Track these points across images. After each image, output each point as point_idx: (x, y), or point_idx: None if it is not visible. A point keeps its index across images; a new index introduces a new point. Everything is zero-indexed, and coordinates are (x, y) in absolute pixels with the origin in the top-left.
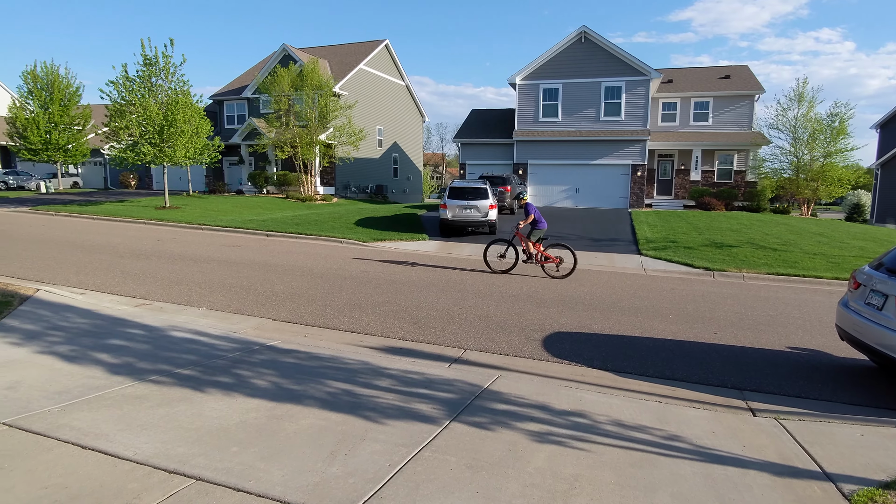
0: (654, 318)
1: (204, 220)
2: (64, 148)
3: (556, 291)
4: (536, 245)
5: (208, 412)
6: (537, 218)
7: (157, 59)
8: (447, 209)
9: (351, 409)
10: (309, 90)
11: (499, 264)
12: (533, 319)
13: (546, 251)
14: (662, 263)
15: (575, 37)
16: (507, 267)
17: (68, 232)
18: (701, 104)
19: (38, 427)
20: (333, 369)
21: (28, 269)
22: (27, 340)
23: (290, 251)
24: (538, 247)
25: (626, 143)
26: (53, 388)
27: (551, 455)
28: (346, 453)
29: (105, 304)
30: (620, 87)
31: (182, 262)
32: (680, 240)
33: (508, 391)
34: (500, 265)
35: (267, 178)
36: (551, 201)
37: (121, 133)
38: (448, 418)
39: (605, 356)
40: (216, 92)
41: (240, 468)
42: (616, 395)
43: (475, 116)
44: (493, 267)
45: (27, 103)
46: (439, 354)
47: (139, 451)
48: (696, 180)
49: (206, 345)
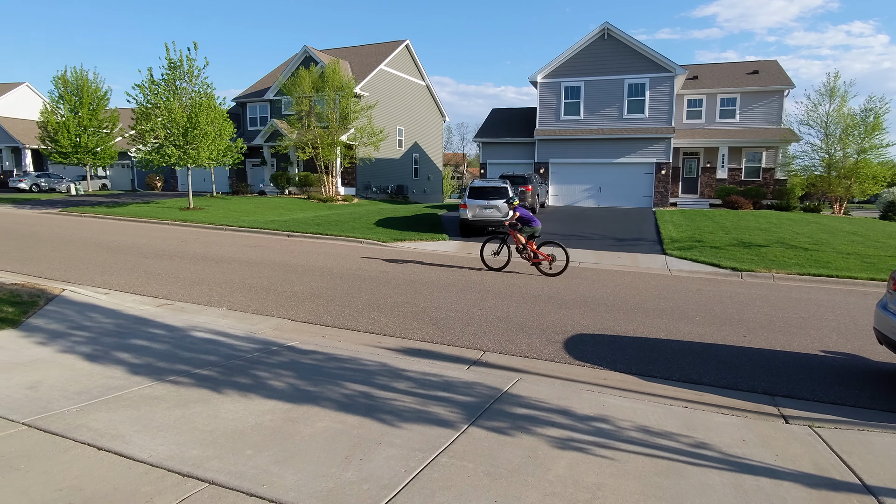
0: (679, 320)
1: (226, 220)
2: (93, 151)
3: (578, 292)
4: (529, 243)
5: (224, 414)
6: (526, 217)
7: (182, 63)
8: (467, 209)
9: (368, 411)
10: (330, 91)
11: (494, 261)
12: (554, 321)
13: (539, 249)
14: (688, 264)
15: (597, 34)
16: (501, 264)
17: (95, 233)
18: (728, 100)
19: (56, 427)
20: (351, 371)
21: (55, 270)
22: (51, 340)
23: (310, 251)
24: (531, 245)
25: (650, 140)
26: (73, 389)
27: (573, 462)
28: (361, 458)
29: (128, 303)
30: (644, 83)
31: (204, 263)
32: (706, 239)
33: (528, 395)
34: (495, 262)
35: (289, 178)
36: (573, 200)
37: (146, 136)
38: (466, 422)
39: (630, 359)
40: (239, 94)
41: (253, 472)
42: (641, 399)
43: (496, 115)
44: (488, 264)
45: (58, 107)
46: (458, 356)
47: (154, 454)
48: (723, 178)
49: (224, 345)
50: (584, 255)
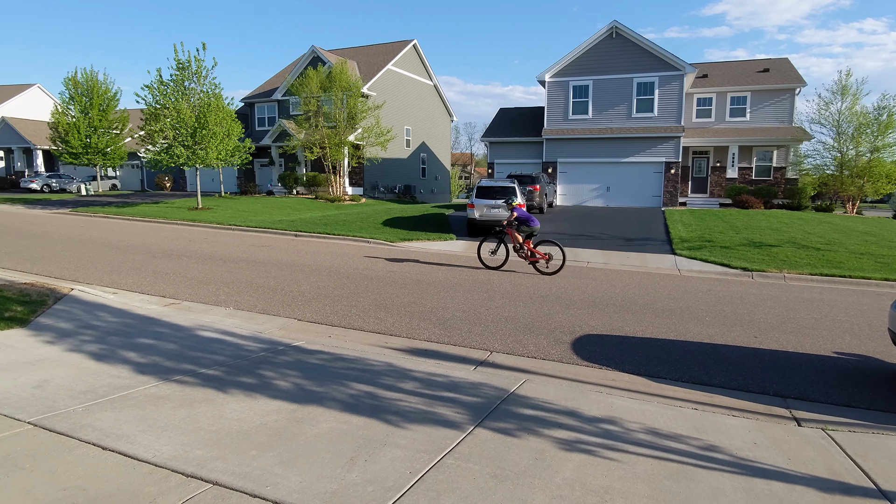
0: (689, 321)
1: (235, 220)
2: (103, 151)
3: (587, 292)
4: (527, 242)
5: (229, 413)
6: (524, 217)
7: (190, 63)
8: (475, 209)
9: (373, 412)
10: (338, 91)
11: (491, 260)
12: (562, 321)
13: (536, 248)
14: (698, 263)
15: (605, 32)
16: (498, 263)
17: (105, 233)
18: (738, 99)
19: (62, 427)
20: (357, 371)
21: (65, 269)
22: (58, 339)
23: (317, 251)
24: (528, 244)
25: (659, 140)
26: (79, 388)
27: (580, 465)
28: (366, 459)
29: (135, 303)
30: (653, 82)
31: (212, 262)
32: (716, 239)
33: (536, 396)
34: (493, 261)
35: (296, 178)
36: (582, 200)
37: (156, 136)
38: (472, 423)
39: (638, 360)
40: (247, 95)
41: (257, 473)
42: (650, 401)
43: (503, 115)
44: (486, 263)
45: (69, 108)
46: (465, 356)
47: (158, 454)
48: (733, 178)
49: (231, 345)
50: (592, 255)
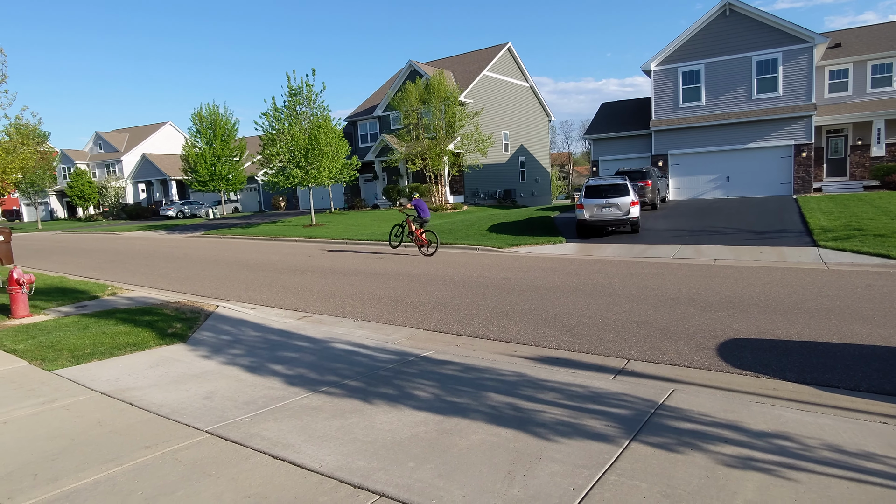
0: (853, 321)
1: (346, 234)
2: (226, 178)
3: (722, 293)
4: (417, 230)
5: (380, 425)
6: (418, 208)
7: (301, 88)
8: (584, 209)
9: (518, 424)
10: (436, 102)
11: (393, 242)
12: (700, 325)
13: (422, 236)
14: (847, 255)
15: (718, 10)
16: (396, 243)
17: (235, 252)
18: (880, 67)
19: (234, 436)
20: (491, 381)
21: (207, 287)
22: (214, 353)
23: (427, 261)
24: (418, 231)
25: (785, 121)
26: (241, 399)
27: (761, 486)
28: (524, 473)
29: (272, 317)
30: (776, 58)
31: (333, 276)
32: (867, 227)
33: (689, 407)
34: (393, 242)
35: (399, 191)
36: (698, 193)
37: (272, 159)
38: (626, 437)
39: (801, 366)
40: (350, 113)
41: (420, 486)
42: (824, 413)
43: (606, 110)
44: (392, 245)
45: (196, 141)
46: (600, 365)
47: (324, 464)
48: (879, 156)
49: (365, 356)
50: (718, 252)
